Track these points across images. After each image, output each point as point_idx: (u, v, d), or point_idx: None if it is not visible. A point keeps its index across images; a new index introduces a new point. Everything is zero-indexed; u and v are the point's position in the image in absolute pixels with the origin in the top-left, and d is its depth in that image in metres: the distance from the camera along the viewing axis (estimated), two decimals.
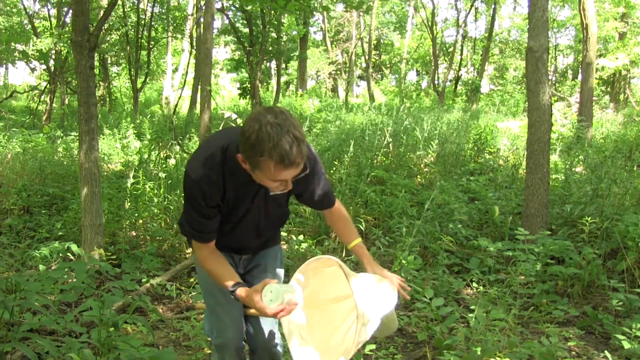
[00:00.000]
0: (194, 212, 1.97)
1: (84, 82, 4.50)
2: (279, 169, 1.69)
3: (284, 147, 1.64)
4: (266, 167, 1.69)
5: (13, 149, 8.57)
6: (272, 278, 2.37)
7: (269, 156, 1.65)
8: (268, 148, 1.64)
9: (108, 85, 19.16)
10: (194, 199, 1.93)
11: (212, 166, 1.89)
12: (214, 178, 1.91)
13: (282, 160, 1.66)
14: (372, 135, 8.63)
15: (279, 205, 2.20)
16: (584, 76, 11.18)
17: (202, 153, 1.94)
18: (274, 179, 1.77)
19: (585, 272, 4.27)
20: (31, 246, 5.03)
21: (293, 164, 1.68)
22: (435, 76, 24.10)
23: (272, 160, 1.66)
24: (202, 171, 1.89)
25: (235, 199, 2.01)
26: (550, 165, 5.37)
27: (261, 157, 1.67)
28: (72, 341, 2.81)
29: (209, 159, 1.90)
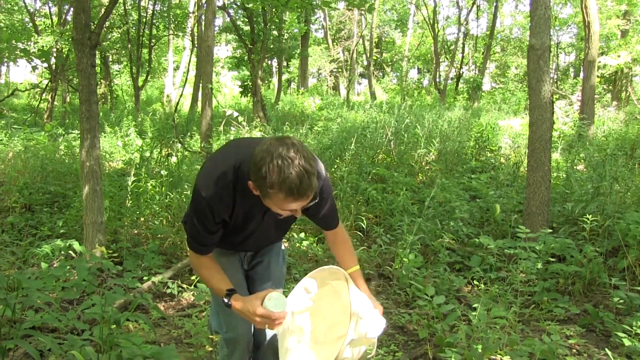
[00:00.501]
0: (199, 225, 1.97)
1: (86, 80, 4.50)
2: (289, 200, 1.71)
3: (294, 181, 1.66)
4: (276, 198, 1.72)
5: (15, 147, 8.58)
6: (275, 274, 2.40)
7: (279, 189, 1.67)
8: (278, 182, 1.66)
9: (109, 83, 19.19)
10: (202, 214, 1.94)
11: (224, 185, 1.90)
12: (225, 197, 1.92)
13: (291, 193, 1.68)
14: (374, 133, 8.63)
15: (289, 220, 2.23)
16: (586, 74, 11.16)
17: (214, 171, 1.93)
18: (283, 209, 1.79)
19: (586, 270, 4.27)
20: (33, 244, 5.04)
21: (302, 196, 1.71)
22: (437, 74, 24.07)
23: (282, 193, 1.68)
24: (213, 190, 1.90)
25: (244, 216, 2.03)
26: (551, 163, 5.36)
27: (271, 190, 1.69)
28: (74, 338, 2.82)
29: (221, 177, 1.90)
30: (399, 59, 36.40)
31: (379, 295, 4.32)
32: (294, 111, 15.95)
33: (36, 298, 2.74)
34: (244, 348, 2.31)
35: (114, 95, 19.79)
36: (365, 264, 4.88)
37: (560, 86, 23.47)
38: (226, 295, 1.99)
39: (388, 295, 4.37)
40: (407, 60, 32.23)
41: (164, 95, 21.55)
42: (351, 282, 2.06)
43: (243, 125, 9.12)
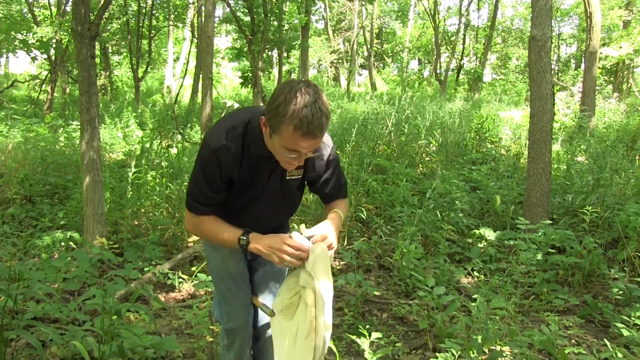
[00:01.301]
0: (203, 181, 1.95)
1: (85, 71, 4.49)
2: (297, 135, 1.69)
3: (307, 114, 1.66)
4: (285, 130, 1.70)
5: (15, 139, 8.57)
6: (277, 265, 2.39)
7: (291, 118, 1.67)
8: (292, 110, 1.66)
9: (109, 75, 19.15)
10: (208, 167, 1.92)
11: (233, 138, 1.90)
12: (233, 150, 1.90)
13: (301, 125, 1.66)
14: (374, 124, 8.62)
15: (294, 191, 2.17)
16: (587, 65, 11.13)
17: (225, 125, 1.93)
18: (289, 147, 1.76)
19: (586, 261, 4.28)
20: (34, 235, 5.05)
21: (311, 133, 1.69)
22: (438, 65, 24.01)
23: (292, 124, 1.67)
24: (222, 141, 1.89)
25: (250, 175, 1.99)
26: (552, 154, 5.36)
27: (282, 119, 1.68)
28: (76, 329, 2.83)
29: (231, 130, 1.90)
30: (399, 50, 36.29)
31: (379, 286, 4.33)
32: None
33: (37, 289, 2.75)
34: (244, 339, 2.32)
35: (114, 87, 19.76)
36: (365, 255, 4.89)
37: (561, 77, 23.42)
38: (243, 235, 1.98)
39: (388, 286, 4.38)
40: (407, 51, 32.14)
41: (164, 87, 21.53)
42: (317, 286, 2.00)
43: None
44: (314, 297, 1.94)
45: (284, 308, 2.12)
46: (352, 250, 4.87)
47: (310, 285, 1.97)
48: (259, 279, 2.38)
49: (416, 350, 3.30)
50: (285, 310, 2.12)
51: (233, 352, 2.34)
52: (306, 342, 1.98)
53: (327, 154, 2.04)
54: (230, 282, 2.29)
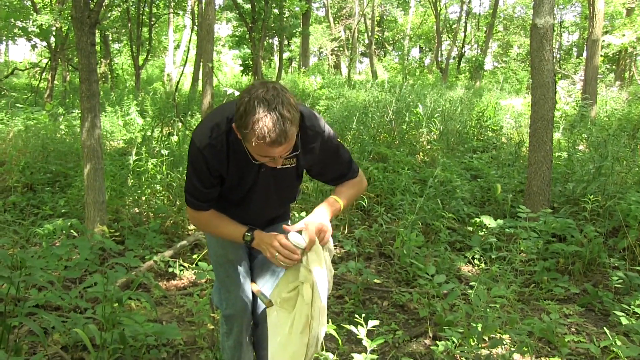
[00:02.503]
0: (195, 178, 1.99)
1: (85, 59, 4.47)
2: (261, 145, 1.68)
3: (267, 124, 1.64)
4: (250, 141, 1.70)
5: (15, 127, 8.56)
6: None
7: (252, 131, 1.66)
8: (252, 122, 1.65)
9: (110, 62, 19.07)
10: (197, 165, 1.95)
11: (218, 135, 1.91)
12: (219, 147, 1.92)
13: (262, 137, 1.65)
14: (375, 112, 8.59)
15: (290, 181, 2.17)
16: (589, 53, 11.07)
17: (209, 122, 1.95)
18: (260, 154, 1.77)
19: (587, 250, 4.29)
20: (35, 223, 5.06)
21: (274, 142, 1.67)
22: (439, 53, 23.90)
23: (255, 136, 1.66)
24: (207, 140, 1.91)
25: (240, 170, 2.01)
26: (553, 143, 5.35)
27: (245, 130, 1.68)
28: (77, 317, 2.85)
29: (215, 128, 1.91)
30: (400, 37, 36.11)
31: (379, 274, 4.35)
32: (295, 90, 15.86)
33: (39, 277, 2.76)
34: (242, 325, 2.33)
35: (114, 75, 19.68)
36: (366, 243, 4.90)
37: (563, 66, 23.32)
38: (248, 231, 2.05)
39: (389, 274, 4.39)
40: (409, 39, 31.97)
41: (164, 74, 21.44)
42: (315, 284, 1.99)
43: None
44: (311, 293, 1.94)
45: (282, 301, 2.13)
46: (352, 239, 4.88)
47: (309, 280, 1.97)
48: (258, 265, 2.39)
49: (416, 338, 3.31)
50: (283, 303, 2.13)
51: (232, 339, 2.36)
52: (301, 337, 1.99)
53: (318, 142, 2.01)
54: (229, 268, 2.31)
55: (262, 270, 2.38)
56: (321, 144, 2.01)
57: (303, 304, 2.02)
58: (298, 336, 2.01)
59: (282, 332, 2.13)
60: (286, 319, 2.12)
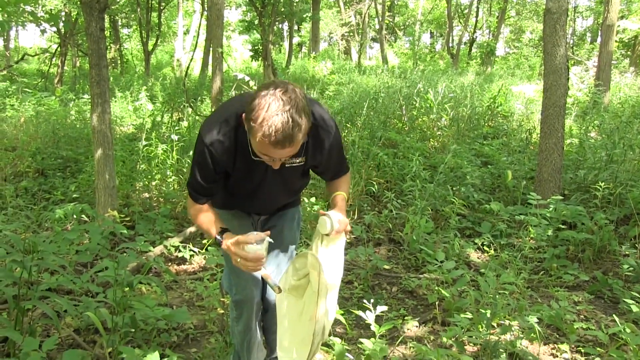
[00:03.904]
0: (198, 172, 1.99)
1: (95, 44, 4.47)
2: (265, 142, 1.66)
3: (275, 124, 1.61)
4: (255, 135, 1.67)
5: (26, 112, 8.61)
6: (287, 239, 2.40)
7: (260, 126, 1.63)
8: (261, 117, 1.62)
9: (119, 48, 19.08)
10: (202, 160, 1.95)
11: (226, 131, 1.90)
12: (227, 143, 1.91)
13: (268, 134, 1.62)
14: (385, 98, 8.55)
15: (298, 176, 2.18)
16: (604, 39, 10.92)
17: (217, 117, 1.94)
18: (261, 151, 1.75)
19: (597, 237, 4.27)
20: (46, 208, 5.11)
21: (278, 143, 1.64)
22: (450, 38, 23.68)
23: (261, 131, 1.63)
24: (215, 136, 1.89)
25: (247, 166, 2.00)
26: (564, 130, 5.30)
27: (253, 124, 1.65)
28: (89, 300, 2.88)
29: (223, 123, 1.90)
30: (411, 22, 35.81)
31: (389, 260, 4.35)
32: (305, 75, 15.81)
33: (51, 261, 2.79)
34: (251, 310, 2.35)
35: (124, 60, 19.70)
36: (375, 228, 4.90)
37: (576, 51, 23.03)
38: (219, 234, 2.01)
39: (398, 260, 4.40)
40: (419, 24, 31.67)
41: (174, 60, 21.44)
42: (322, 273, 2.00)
43: (254, 90, 9.07)
44: (318, 281, 1.95)
45: (291, 288, 2.14)
46: (362, 224, 4.88)
47: (317, 269, 1.98)
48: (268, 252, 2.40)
49: (425, 323, 3.32)
50: (292, 290, 2.14)
51: (242, 324, 2.37)
52: (309, 324, 2.00)
53: (328, 142, 2.00)
54: None
55: (273, 258, 2.39)
56: (330, 143, 2.01)
57: (311, 291, 2.03)
58: (307, 322, 2.02)
59: (290, 318, 2.15)
60: (295, 305, 2.13)
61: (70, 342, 2.89)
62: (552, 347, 3.02)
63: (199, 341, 3.08)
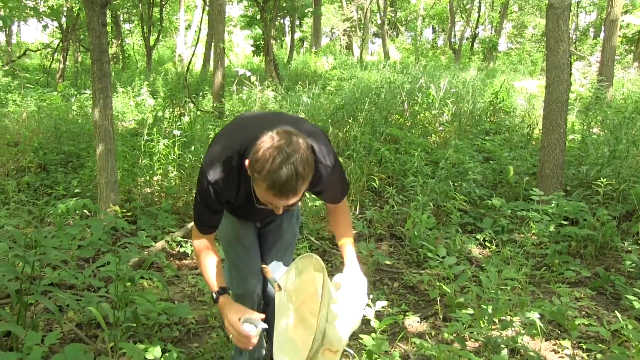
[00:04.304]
0: (202, 204, 2.01)
1: (97, 39, 4.47)
2: (269, 194, 1.69)
3: (280, 177, 1.64)
4: (259, 187, 1.71)
5: (28, 108, 8.61)
6: (287, 234, 2.40)
7: (264, 179, 1.66)
8: (266, 170, 1.64)
9: (121, 43, 19.07)
10: (206, 194, 1.96)
11: (230, 170, 1.92)
12: (230, 182, 1.94)
13: (273, 187, 1.66)
14: (387, 93, 8.53)
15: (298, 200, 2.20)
16: (607, 34, 10.86)
17: (220, 154, 1.94)
18: (264, 200, 1.78)
19: (599, 233, 4.26)
20: (49, 203, 5.11)
21: (283, 195, 1.68)
22: (452, 34, 23.61)
23: (265, 184, 1.67)
24: (219, 175, 1.91)
25: (248, 200, 2.02)
26: (567, 125, 5.28)
27: (258, 175, 1.68)
28: (91, 295, 2.89)
29: (227, 162, 1.91)
30: (413, 18, 35.70)
31: (390, 255, 4.35)
32: (306, 71, 15.79)
33: (53, 256, 2.79)
34: (252, 304, 2.36)
35: (126, 55, 19.68)
36: (377, 224, 4.90)
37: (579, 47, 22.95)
38: (216, 293, 2.04)
39: (400, 256, 4.40)
40: (421, 19, 31.58)
41: (175, 55, 21.43)
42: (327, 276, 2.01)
43: (255, 85, 9.05)
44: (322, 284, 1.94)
45: (292, 290, 2.14)
46: (364, 219, 4.88)
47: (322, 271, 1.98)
48: (268, 246, 2.41)
49: (426, 319, 3.32)
50: (292, 293, 2.14)
51: None
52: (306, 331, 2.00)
53: (326, 175, 1.99)
54: (239, 248, 2.34)
55: (273, 253, 2.40)
56: (329, 176, 2.01)
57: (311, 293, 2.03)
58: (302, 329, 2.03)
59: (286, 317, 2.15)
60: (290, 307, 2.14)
61: (72, 336, 2.89)
62: (554, 343, 3.02)
63: (201, 336, 3.09)
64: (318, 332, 1.90)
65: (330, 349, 1.98)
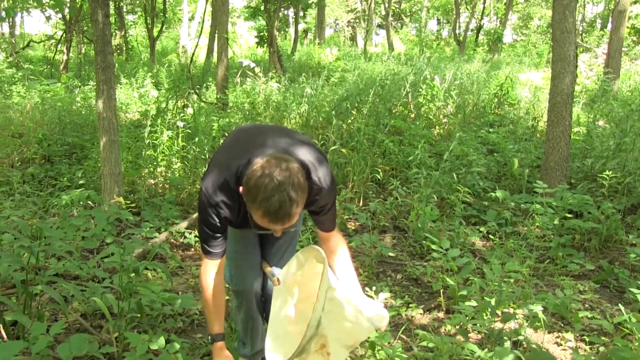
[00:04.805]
0: (205, 226, 2.03)
1: (100, 30, 4.46)
2: (265, 220, 1.75)
3: (273, 205, 1.69)
4: (254, 213, 1.77)
5: (32, 99, 8.62)
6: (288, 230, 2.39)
7: (258, 207, 1.72)
8: (260, 199, 1.70)
9: (124, 34, 19.03)
10: (207, 215, 1.99)
11: (228, 192, 1.96)
12: (230, 202, 1.97)
13: (268, 214, 1.72)
14: (391, 85, 8.50)
15: None
16: (615, 25, 10.76)
17: (218, 177, 1.97)
18: (261, 225, 1.82)
19: (603, 226, 4.25)
20: (53, 194, 5.13)
21: (278, 221, 1.74)
22: (457, 25, 23.48)
23: (260, 211, 1.73)
24: (218, 197, 1.96)
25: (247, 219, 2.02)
26: (572, 118, 5.26)
27: (252, 203, 1.74)
28: (95, 286, 2.90)
29: (224, 185, 1.95)
30: (418, 9, 35.49)
31: (394, 247, 4.35)
32: (310, 62, 15.74)
33: (58, 247, 2.80)
34: (251, 301, 2.36)
35: (129, 47, 19.65)
36: (380, 216, 4.90)
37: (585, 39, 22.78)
38: (211, 338, 2.10)
39: (403, 248, 4.40)
40: (426, 10, 31.41)
41: (179, 46, 21.38)
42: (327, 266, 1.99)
43: (259, 76, 9.03)
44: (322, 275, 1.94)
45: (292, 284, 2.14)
46: (367, 211, 4.88)
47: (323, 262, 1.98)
48: (269, 243, 2.40)
49: (429, 311, 3.33)
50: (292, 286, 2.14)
51: (242, 313, 2.40)
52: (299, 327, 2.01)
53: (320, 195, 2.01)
54: (238, 245, 2.34)
55: (274, 250, 2.39)
56: (321, 197, 2.03)
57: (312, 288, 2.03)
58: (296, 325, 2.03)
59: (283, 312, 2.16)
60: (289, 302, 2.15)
61: (77, 326, 2.91)
62: (557, 335, 3.02)
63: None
64: (313, 320, 1.90)
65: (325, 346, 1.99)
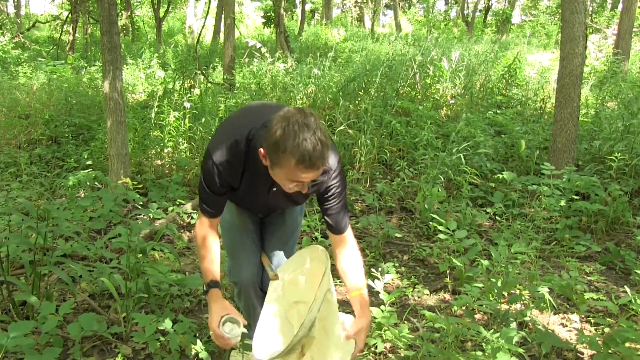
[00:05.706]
0: (206, 186, 2.01)
1: (106, 10, 4.44)
2: (300, 168, 1.67)
3: (307, 147, 1.63)
4: (287, 164, 1.68)
5: (38, 80, 8.62)
6: (289, 221, 2.39)
7: (291, 153, 1.64)
8: (292, 145, 1.63)
9: (130, 15, 18.93)
10: (210, 176, 1.96)
11: (236, 153, 1.91)
12: (236, 165, 1.93)
13: (303, 159, 1.64)
14: (399, 66, 8.44)
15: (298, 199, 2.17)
16: (626, 4, 10.60)
17: (228, 137, 1.93)
18: (292, 179, 1.75)
19: (610, 208, 4.23)
20: (60, 175, 5.15)
21: (314, 165, 1.67)
22: (465, 6, 23.18)
23: (294, 158, 1.65)
24: (225, 157, 1.91)
25: (251, 187, 2.02)
26: (580, 99, 5.21)
27: (283, 154, 1.66)
28: (103, 266, 2.92)
29: (234, 145, 1.91)
30: None
31: (400, 228, 4.36)
32: (317, 43, 15.62)
33: (65, 227, 2.82)
34: (248, 292, 2.35)
35: (136, 27, 19.57)
36: (387, 197, 4.90)
37: (595, 19, 22.46)
38: (206, 285, 2.07)
39: (410, 229, 4.40)
40: None
41: (185, 27, 21.25)
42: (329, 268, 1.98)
43: (266, 57, 8.98)
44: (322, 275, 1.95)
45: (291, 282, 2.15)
46: (374, 192, 4.88)
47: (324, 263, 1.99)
48: (269, 234, 2.39)
49: (436, 292, 3.34)
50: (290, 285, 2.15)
51: (242, 301, 2.40)
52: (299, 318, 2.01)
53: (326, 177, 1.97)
54: (237, 235, 2.32)
55: (274, 241, 2.38)
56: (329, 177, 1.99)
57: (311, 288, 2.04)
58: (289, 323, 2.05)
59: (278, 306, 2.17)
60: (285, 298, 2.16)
61: (85, 306, 2.94)
62: (562, 316, 3.03)
63: None
64: (307, 320, 1.90)
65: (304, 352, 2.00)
